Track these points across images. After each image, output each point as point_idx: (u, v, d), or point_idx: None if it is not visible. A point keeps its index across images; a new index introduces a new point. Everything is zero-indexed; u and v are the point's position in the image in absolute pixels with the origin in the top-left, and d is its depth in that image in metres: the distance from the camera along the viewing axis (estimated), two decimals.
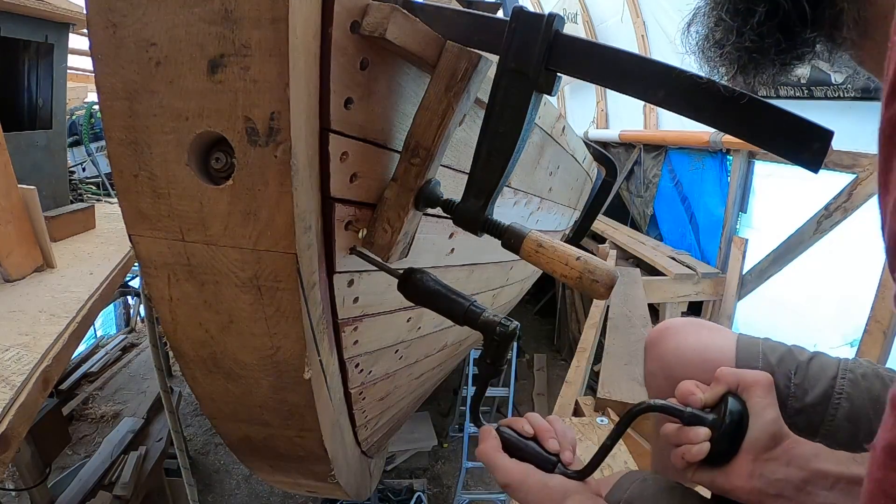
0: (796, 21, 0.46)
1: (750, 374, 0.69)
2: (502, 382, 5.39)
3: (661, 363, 0.92)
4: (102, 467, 3.79)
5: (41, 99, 2.98)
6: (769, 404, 0.67)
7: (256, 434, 0.88)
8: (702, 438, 0.66)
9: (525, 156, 0.98)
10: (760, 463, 0.64)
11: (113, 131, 0.59)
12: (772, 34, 0.48)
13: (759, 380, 0.68)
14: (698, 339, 0.90)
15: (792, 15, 0.46)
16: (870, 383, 0.78)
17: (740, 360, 0.85)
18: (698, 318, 0.97)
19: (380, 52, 0.68)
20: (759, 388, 0.68)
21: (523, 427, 0.72)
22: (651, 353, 0.96)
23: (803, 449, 0.64)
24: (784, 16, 0.46)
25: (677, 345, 0.91)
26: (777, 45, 0.48)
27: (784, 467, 0.63)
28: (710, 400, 0.70)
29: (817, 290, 3.18)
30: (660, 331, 0.96)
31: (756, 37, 0.48)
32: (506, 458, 0.69)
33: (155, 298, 0.70)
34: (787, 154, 0.58)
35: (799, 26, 0.47)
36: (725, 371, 0.71)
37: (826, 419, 0.78)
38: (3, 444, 1.21)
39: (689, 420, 0.68)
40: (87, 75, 6.69)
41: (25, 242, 2.08)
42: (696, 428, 0.67)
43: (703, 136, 3.87)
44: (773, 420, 0.66)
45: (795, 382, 0.81)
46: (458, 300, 0.73)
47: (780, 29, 0.47)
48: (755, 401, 0.67)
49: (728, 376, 0.70)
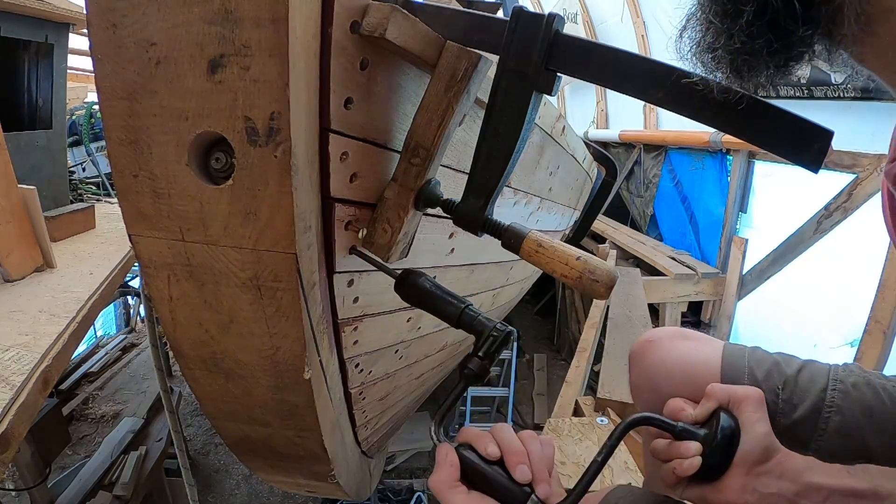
0: (788, 19, 0.45)
1: (741, 390, 0.69)
2: (502, 382, 5.40)
3: (645, 376, 0.90)
4: (102, 467, 3.79)
5: (41, 99, 2.97)
6: (760, 419, 0.66)
7: (256, 434, 0.88)
8: (693, 453, 0.65)
9: (525, 156, 0.98)
10: (752, 477, 0.63)
11: (113, 131, 0.59)
12: (762, 34, 0.46)
13: (749, 395, 0.68)
14: (683, 352, 0.88)
15: (782, 13, 0.45)
16: (861, 393, 0.76)
17: (725, 375, 0.83)
18: (683, 329, 0.96)
19: (380, 52, 0.68)
20: (749, 403, 0.67)
21: (487, 448, 0.59)
22: (635, 366, 0.94)
23: (795, 462, 0.63)
24: (773, 14, 0.45)
25: (661, 358, 0.88)
26: (769, 46, 0.47)
27: (776, 481, 0.62)
28: (700, 416, 0.70)
29: (817, 290, 3.18)
30: (643, 343, 0.93)
31: (746, 38, 0.47)
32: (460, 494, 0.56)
33: (155, 298, 0.70)
34: (788, 154, 0.58)
35: (791, 25, 0.45)
36: (716, 387, 0.71)
37: (816, 434, 0.77)
38: (3, 444, 1.21)
39: (681, 435, 0.67)
40: (87, 75, 6.69)
41: (25, 242, 2.08)
42: (687, 442, 0.66)
43: (703, 136, 3.88)
44: (764, 434, 0.65)
45: (784, 398, 0.80)
46: (453, 303, 0.72)
47: (770, 28, 0.46)
48: (746, 416, 0.66)
49: (719, 392, 0.70)
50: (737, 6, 0.46)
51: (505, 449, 0.59)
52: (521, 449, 0.59)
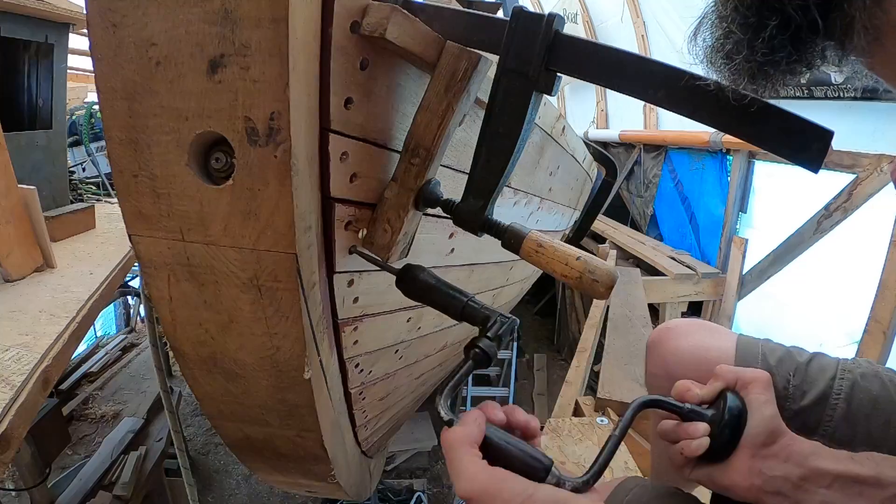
0: (807, 32, 0.45)
1: (748, 372, 0.70)
2: (502, 382, 5.40)
3: (661, 364, 0.93)
4: (102, 467, 3.79)
5: (41, 99, 2.98)
6: (767, 400, 0.67)
7: (256, 434, 0.88)
8: (701, 433, 0.66)
9: (525, 156, 0.98)
10: (759, 459, 0.64)
11: (113, 131, 0.59)
12: (783, 47, 0.47)
13: (757, 376, 0.69)
14: (698, 341, 0.90)
15: (803, 26, 0.45)
16: (868, 383, 0.78)
17: (739, 362, 0.85)
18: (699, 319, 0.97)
19: (380, 52, 0.68)
20: (757, 384, 0.68)
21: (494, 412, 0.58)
22: (652, 354, 0.96)
23: (801, 446, 0.64)
24: (796, 28, 0.45)
25: (677, 346, 0.91)
26: (788, 57, 0.48)
27: (782, 464, 0.63)
28: (707, 396, 0.70)
29: (817, 290, 3.18)
30: (661, 332, 0.96)
31: (767, 50, 0.47)
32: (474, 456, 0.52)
33: (155, 298, 0.70)
34: (787, 154, 0.58)
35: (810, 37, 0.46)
36: (724, 368, 0.71)
37: (824, 420, 0.78)
38: (3, 444, 1.21)
39: (688, 416, 0.68)
40: (87, 75, 6.69)
41: (25, 242, 2.08)
42: (695, 423, 0.67)
43: (703, 136, 3.88)
44: (771, 416, 0.66)
45: (794, 384, 0.81)
46: (457, 296, 0.72)
47: (791, 41, 0.47)
48: (753, 397, 0.67)
49: (726, 373, 0.71)
50: (761, 20, 0.46)
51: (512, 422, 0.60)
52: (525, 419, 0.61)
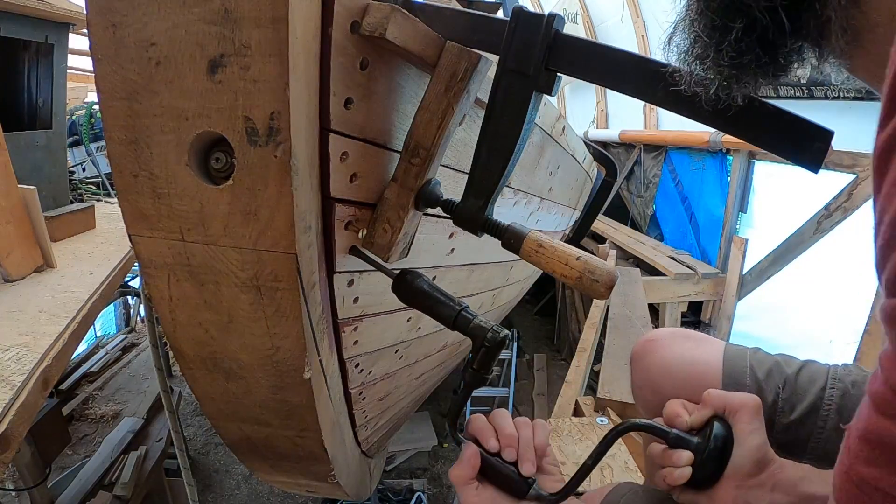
0: (776, 34, 0.44)
1: (737, 398, 0.68)
2: (502, 382, 5.40)
3: (646, 377, 0.91)
4: (102, 467, 3.78)
5: (41, 99, 2.98)
6: (755, 430, 0.66)
7: (256, 434, 0.88)
8: (684, 462, 0.65)
9: (525, 156, 0.98)
10: (743, 490, 0.63)
11: (113, 131, 0.59)
12: (751, 49, 0.46)
13: (746, 403, 0.67)
14: (684, 352, 0.88)
15: (771, 29, 0.44)
16: (860, 392, 0.76)
17: (727, 375, 0.83)
18: (684, 329, 0.95)
19: (380, 52, 0.68)
20: (745, 412, 0.66)
21: (489, 441, 0.66)
22: (637, 366, 0.94)
23: (789, 473, 0.63)
24: (762, 30, 0.44)
25: (662, 358, 0.89)
26: (757, 60, 0.47)
27: (769, 493, 0.62)
28: (696, 423, 0.69)
29: (817, 290, 3.18)
30: (644, 343, 0.93)
31: (735, 53, 0.47)
32: (471, 488, 0.65)
33: (155, 298, 0.70)
34: (788, 154, 0.58)
35: (780, 39, 0.45)
36: (713, 394, 0.70)
37: (815, 432, 0.77)
38: (3, 444, 1.21)
39: (674, 442, 0.67)
40: (87, 75, 6.69)
41: (25, 242, 2.08)
42: (679, 451, 0.66)
43: (703, 136, 3.88)
44: (757, 446, 0.65)
45: (783, 397, 0.80)
46: (449, 304, 0.71)
47: (759, 44, 0.46)
48: (741, 427, 0.66)
49: (715, 399, 0.69)
50: (725, 22, 0.46)
51: (501, 436, 0.66)
52: (513, 434, 0.66)
